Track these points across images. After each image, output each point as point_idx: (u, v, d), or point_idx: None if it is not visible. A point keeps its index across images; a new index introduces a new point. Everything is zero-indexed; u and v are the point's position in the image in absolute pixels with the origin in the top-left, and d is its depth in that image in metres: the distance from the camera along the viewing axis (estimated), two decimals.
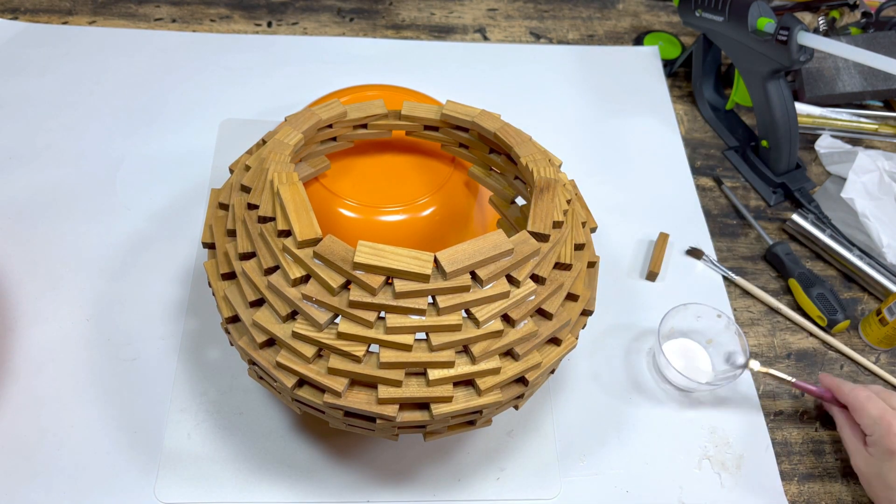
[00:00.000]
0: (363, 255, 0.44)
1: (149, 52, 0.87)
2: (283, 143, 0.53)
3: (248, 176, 0.52)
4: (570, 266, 0.51)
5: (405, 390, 0.45)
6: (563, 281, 0.50)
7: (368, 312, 0.44)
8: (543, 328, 0.49)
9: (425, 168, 0.67)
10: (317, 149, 0.61)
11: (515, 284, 0.47)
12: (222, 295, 0.49)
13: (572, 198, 0.55)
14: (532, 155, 0.56)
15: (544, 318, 0.49)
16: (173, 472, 0.58)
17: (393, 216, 0.64)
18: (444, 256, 0.45)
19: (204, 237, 0.54)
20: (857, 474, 0.59)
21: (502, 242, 0.46)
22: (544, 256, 0.49)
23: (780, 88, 0.77)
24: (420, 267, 0.44)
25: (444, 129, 0.63)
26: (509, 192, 0.63)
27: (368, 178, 0.66)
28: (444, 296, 0.45)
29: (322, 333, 0.45)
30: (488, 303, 0.46)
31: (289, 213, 0.47)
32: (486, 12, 0.99)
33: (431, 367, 0.45)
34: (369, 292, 0.44)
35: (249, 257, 0.49)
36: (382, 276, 0.44)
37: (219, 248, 0.51)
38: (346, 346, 0.45)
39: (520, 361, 0.48)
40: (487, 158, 0.63)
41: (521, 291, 0.47)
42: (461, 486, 0.60)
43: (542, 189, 0.52)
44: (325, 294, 0.45)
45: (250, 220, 0.49)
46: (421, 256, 0.45)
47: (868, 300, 0.76)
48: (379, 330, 0.45)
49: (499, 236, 0.46)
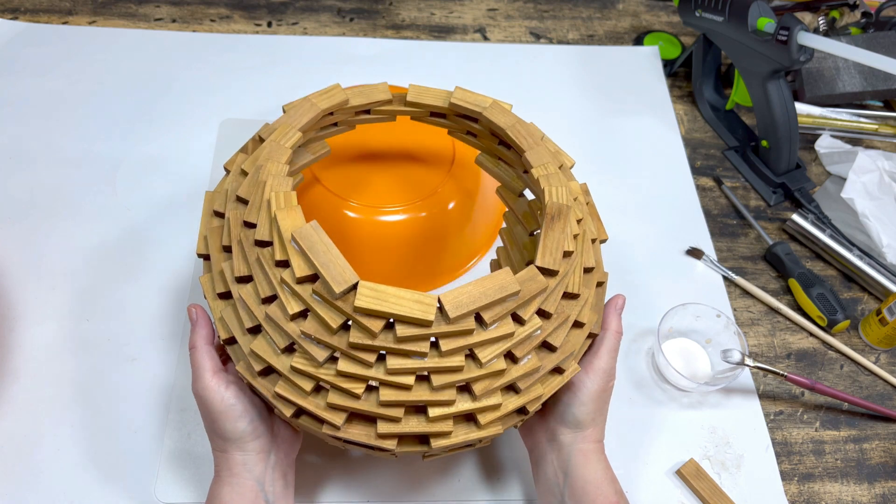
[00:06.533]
0: (364, 298, 0.42)
1: (149, 52, 0.87)
2: (280, 146, 0.51)
3: (244, 185, 0.49)
4: (578, 296, 0.49)
5: (404, 425, 0.45)
6: (570, 313, 0.48)
7: (368, 354, 0.43)
8: (547, 361, 0.47)
9: (425, 168, 0.67)
10: (317, 134, 0.58)
11: (520, 322, 0.45)
12: (219, 316, 0.48)
13: (584, 216, 0.52)
14: (544, 165, 0.52)
15: (549, 351, 0.48)
16: (173, 472, 0.58)
17: (393, 216, 0.64)
18: (448, 300, 0.43)
19: (199, 249, 0.51)
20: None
21: (509, 284, 0.44)
22: (552, 291, 0.47)
23: (780, 88, 0.77)
24: (423, 312, 0.42)
25: (451, 116, 0.59)
26: (518, 185, 0.61)
27: (368, 179, 0.66)
28: (447, 339, 0.43)
29: (321, 370, 0.44)
30: (492, 343, 0.44)
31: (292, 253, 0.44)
32: (486, 12, 0.99)
33: (432, 406, 0.45)
34: (369, 336, 0.42)
35: (246, 281, 0.47)
36: (383, 320, 0.42)
37: (214, 265, 0.49)
38: (345, 383, 0.44)
39: (521, 395, 0.47)
40: (496, 149, 0.60)
41: (526, 329, 0.45)
42: (461, 486, 0.60)
43: (554, 217, 0.49)
44: (323, 333, 0.43)
45: (247, 240, 0.47)
46: (424, 300, 0.42)
47: (868, 300, 0.76)
48: (379, 370, 0.43)
49: (506, 277, 0.44)
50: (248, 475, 0.48)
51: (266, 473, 0.49)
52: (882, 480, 0.64)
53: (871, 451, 0.66)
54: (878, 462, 0.65)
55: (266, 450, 0.49)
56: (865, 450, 0.66)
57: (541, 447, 0.53)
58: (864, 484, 0.64)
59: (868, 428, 0.67)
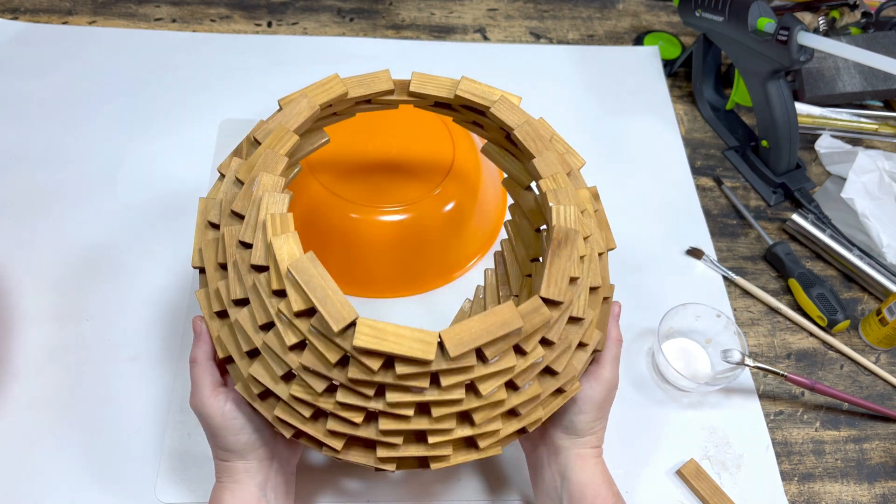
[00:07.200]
0: (363, 337, 0.40)
1: (149, 52, 0.87)
2: (275, 155, 0.48)
3: (239, 199, 0.47)
4: (583, 319, 0.48)
5: (404, 450, 0.45)
6: (574, 339, 0.47)
7: (367, 387, 0.43)
8: (548, 386, 0.47)
9: (425, 168, 0.67)
10: (315, 124, 0.55)
11: (522, 354, 0.44)
12: (216, 336, 0.47)
13: (591, 233, 0.50)
14: (553, 177, 0.50)
15: (550, 376, 0.47)
16: (173, 472, 0.58)
17: (393, 216, 0.64)
18: (449, 338, 0.41)
19: (194, 261, 0.49)
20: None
21: (512, 320, 0.42)
22: (556, 320, 0.45)
23: (780, 88, 0.77)
24: (423, 352, 0.41)
25: (456, 106, 0.57)
26: (525, 178, 0.59)
27: (368, 178, 0.66)
28: (447, 375, 0.42)
29: (320, 399, 0.43)
30: (492, 377, 0.44)
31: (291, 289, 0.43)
32: (486, 12, 0.99)
33: (431, 434, 0.44)
34: (369, 373, 0.42)
35: (242, 303, 0.46)
36: (383, 358, 0.42)
37: (210, 282, 0.48)
38: (345, 412, 0.43)
39: (521, 418, 0.47)
40: (503, 142, 0.58)
41: (528, 360, 0.44)
42: (461, 485, 0.60)
43: (560, 244, 0.46)
44: (321, 366, 0.42)
45: (242, 262, 0.45)
46: (425, 338, 0.41)
47: (868, 300, 0.76)
48: (378, 402, 0.43)
49: (509, 312, 0.42)
50: (250, 481, 0.48)
51: (268, 479, 0.49)
52: (882, 480, 0.64)
53: (871, 451, 0.66)
54: (878, 462, 0.65)
55: (268, 458, 0.50)
56: (865, 450, 0.66)
57: (538, 453, 0.54)
58: (865, 484, 0.64)
59: (868, 428, 0.67)
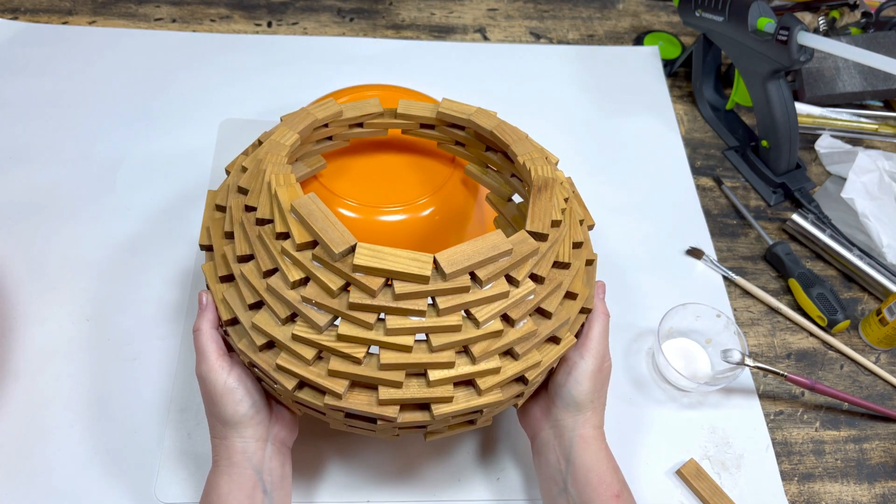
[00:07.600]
0: (363, 257, 0.44)
1: (149, 52, 0.87)
2: (279, 143, 0.53)
3: (244, 178, 0.52)
4: (569, 265, 0.51)
5: (406, 391, 0.45)
6: (562, 280, 0.50)
7: (368, 314, 0.44)
8: (542, 327, 0.49)
9: (425, 168, 0.67)
10: (313, 148, 0.61)
11: (515, 284, 0.47)
12: (221, 297, 0.49)
13: (570, 196, 0.55)
14: (529, 153, 0.56)
15: (543, 317, 0.49)
16: (173, 472, 0.58)
17: (393, 216, 0.64)
18: (443, 257, 0.45)
19: (201, 239, 0.53)
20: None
21: (501, 243, 0.46)
22: (543, 256, 0.49)
23: (780, 88, 0.77)
24: (419, 268, 0.44)
25: (440, 126, 0.63)
26: (506, 190, 0.63)
27: (368, 178, 0.66)
28: (444, 297, 0.45)
29: (322, 336, 0.45)
30: (488, 303, 0.46)
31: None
32: (486, 12, 0.99)
33: (432, 368, 0.46)
34: (369, 294, 0.44)
35: (248, 259, 0.49)
36: (382, 278, 0.44)
37: (216, 251, 0.51)
38: (346, 348, 0.45)
39: (519, 360, 0.48)
40: (484, 156, 0.63)
41: (520, 291, 0.47)
42: (461, 486, 0.60)
43: (540, 188, 0.52)
44: (324, 296, 0.45)
45: (248, 222, 0.49)
46: (420, 258, 0.44)
47: (868, 300, 0.76)
48: (379, 331, 0.45)
49: (497, 237, 0.46)
50: (246, 463, 0.49)
51: (264, 462, 0.50)
52: (882, 480, 0.64)
53: (871, 451, 0.66)
54: (878, 462, 0.65)
55: (264, 437, 0.50)
56: (865, 450, 0.66)
57: (542, 434, 0.54)
58: (865, 484, 0.64)
59: (868, 428, 0.67)
